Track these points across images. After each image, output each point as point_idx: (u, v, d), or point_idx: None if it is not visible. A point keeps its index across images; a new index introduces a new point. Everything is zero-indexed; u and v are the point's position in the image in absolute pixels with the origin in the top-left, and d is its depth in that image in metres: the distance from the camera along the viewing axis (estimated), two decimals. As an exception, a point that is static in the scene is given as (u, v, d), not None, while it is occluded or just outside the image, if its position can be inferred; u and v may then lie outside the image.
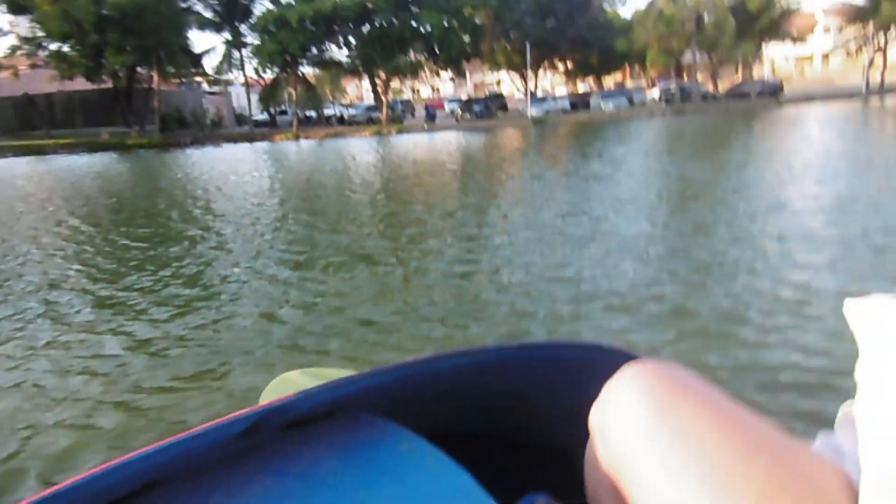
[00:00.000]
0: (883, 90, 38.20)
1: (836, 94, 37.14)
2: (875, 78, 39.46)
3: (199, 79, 43.39)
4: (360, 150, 24.97)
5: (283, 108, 45.18)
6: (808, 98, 36.67)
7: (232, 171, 18.37)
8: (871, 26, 38.68)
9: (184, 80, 40.83)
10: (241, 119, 45.65)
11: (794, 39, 41.26)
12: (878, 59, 39.94)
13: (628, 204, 8.73)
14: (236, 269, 6.13)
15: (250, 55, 39.74)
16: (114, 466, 0.68)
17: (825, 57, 59.71)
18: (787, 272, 4.90)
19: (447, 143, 26.62)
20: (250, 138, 36.71)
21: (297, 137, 35.82)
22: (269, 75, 41.15)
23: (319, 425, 0.88)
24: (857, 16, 39.26)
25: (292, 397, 0.83)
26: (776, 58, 57.72)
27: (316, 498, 0.74)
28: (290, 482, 0.76)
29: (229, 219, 9.40)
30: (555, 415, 0.99)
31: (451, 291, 5.07)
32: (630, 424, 0.66)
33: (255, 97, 43.66)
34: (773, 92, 39.42)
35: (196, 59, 40.28)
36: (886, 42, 39.83)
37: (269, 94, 42.01)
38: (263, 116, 44.33)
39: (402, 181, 13.91)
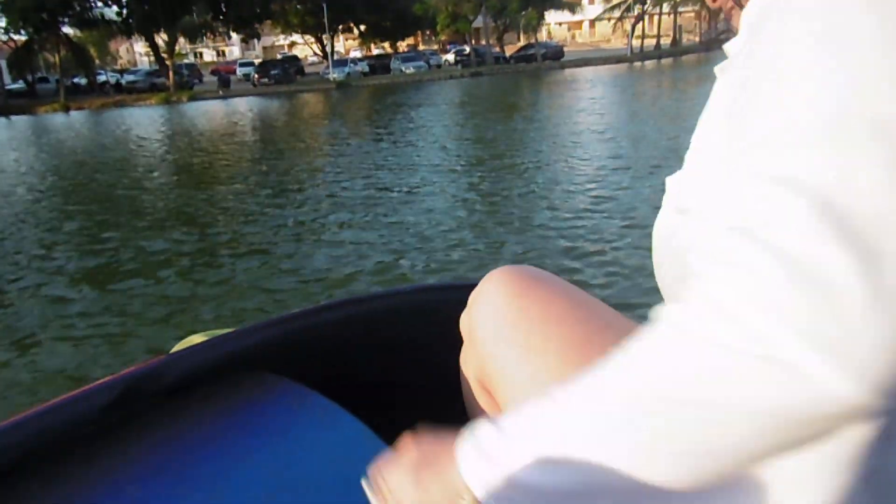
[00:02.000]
0: (643, 54, 43.39)
1: (606, 57, 41.25)
2: (635, 44, 44.70)
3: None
4: (152, 122, 22.25)
5: (41, 74, 38.84)
6: (585, 61, 40.33)
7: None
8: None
9: None
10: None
11: (571, 8, 45.06)
12: (639, 27, 45.26)
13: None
14: None
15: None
16: None
17: (592, 24, 66.17)
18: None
19: (251, 110, 24.90)
20: (5, 112, 31.08)
21: (66, 109, 31.11)
22: (21, 36, 34.96)
23: (203, 387, 0.81)
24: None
25: (165, 359, 0.76)
26: (551, 24, 62.43)
27: (202, 464, 0.69)
28: (172, 451, 0.71)
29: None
30: (430, 352, 0.99)
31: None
32: (494, 319, 0.71)
33: (1, 62, 36.92)
34: (556, 55, 42.74)
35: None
36: (644, 12, 45.16)
37: (23, 59, 35.71)
38: (18, 85, 37.73)
39: (225, 161, 12.79)
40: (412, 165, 8.85)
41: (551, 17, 47.59)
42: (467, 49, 45.20)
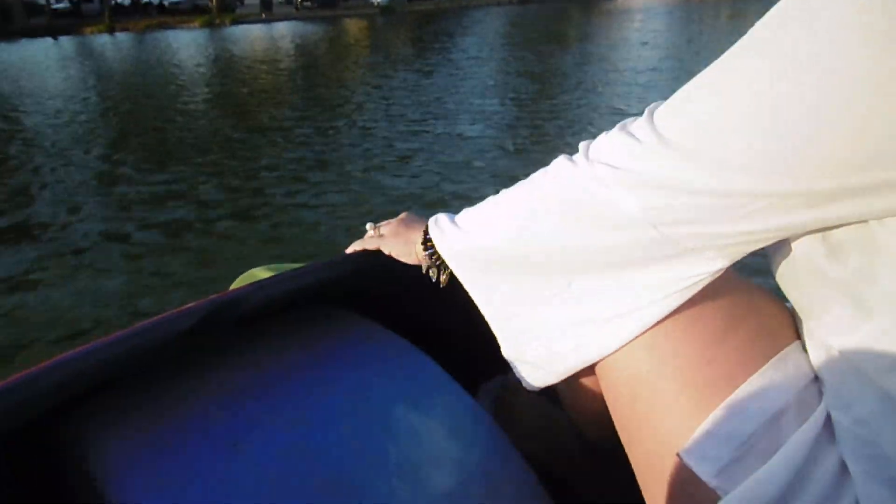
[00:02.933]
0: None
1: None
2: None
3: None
4: (197, 46, 21.97)
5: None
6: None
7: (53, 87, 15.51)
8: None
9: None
10: (33, 8, 38.20)
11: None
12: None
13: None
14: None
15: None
16: (51, 365, 0.62)
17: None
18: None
19: (294, 35, 24.46)
20: (52, 32, 31.02)
21: (111, 30, 30.94)
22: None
23: (276, 318, 0.84)
24: None
25: (244, 289, 0.77)
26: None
27: (274, 392, 0.71)
28: (246, 377, 0.73)
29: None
30: None
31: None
32: None
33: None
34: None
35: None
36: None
37: (67, -23, 35.46)
38: (63, 5, 37.49)
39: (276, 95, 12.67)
40: (456, 101, 8.43)
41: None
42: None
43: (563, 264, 0.61)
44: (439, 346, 0.84)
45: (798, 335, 0.62)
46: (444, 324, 0.91)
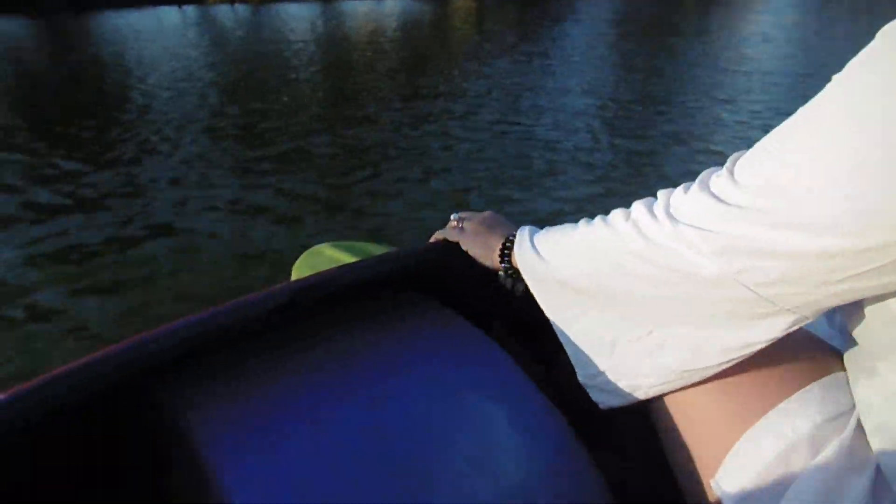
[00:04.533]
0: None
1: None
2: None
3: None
4: (311, 22, 22.67)
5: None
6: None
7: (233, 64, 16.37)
8: None
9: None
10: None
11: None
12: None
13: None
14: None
15: None
16: (144, 338, 0.69)
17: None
18: None
19: (407, 15, 24.59)
20: (178, 1, 32.77)
21: (231, 1, 32.28)
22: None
23: (356, 302, 0.87)
24: None
25: (329, 272, 0.81)
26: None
27: (355, 373, 0.74)
28: (328, 359, 0.76)
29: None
30: None
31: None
32: None
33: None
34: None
35: None
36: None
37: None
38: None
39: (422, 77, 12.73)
40: (550, 99, 7.92)
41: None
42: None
43: (645, 313, 0.62)
44: (514, 343, 0.85)
45: (825, 367, 0.63)
46: (521, 323, 0.91)
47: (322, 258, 1.35)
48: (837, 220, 0.44)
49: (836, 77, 0.48)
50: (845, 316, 0.60)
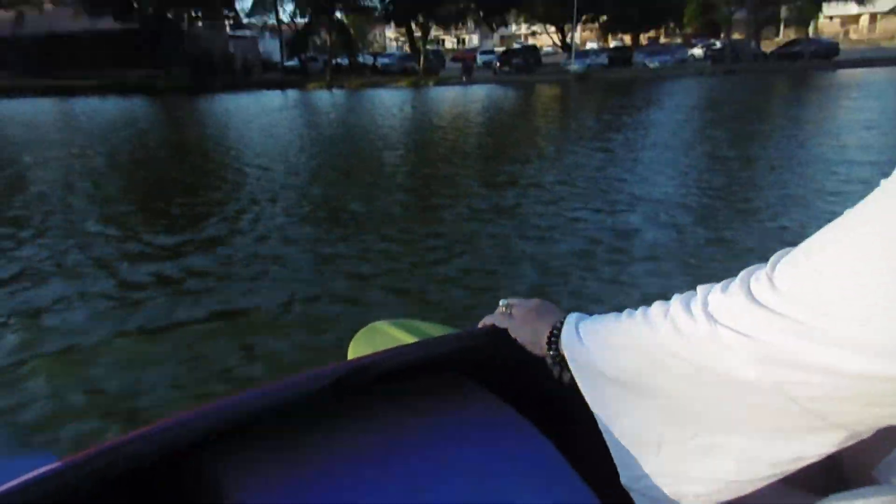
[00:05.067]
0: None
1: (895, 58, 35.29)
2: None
3: (225, 22, 41.71)
4: (403, 103, 23.82)
5: (311, 54, 43.70)
6: (867, 61, 34.92)
7: (307, 122, 17.56)
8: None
9: (212, 22, 39.24)
10: (266, 65, 44.19)
11: (858, -1, 38.89)
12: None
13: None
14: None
15: (285, -2, 38.18)
16: (205, 410, 0.71)
17: (874, 18, 57.22)
18: None
19: (492, 98, 25.44)
20: (281, 86, 35.49)
21: (330, 86, 34.59)
22: (300, 20, 39.59)
23: (406, 383, 0.88)
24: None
25: (381, 354, 0.83)
26: (820, 17, 55.46)
27: (401, 456, 0.76)
28: (377, 437, 0.79)
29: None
30: None
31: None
32: None
33: (276, 43, 42.22)
34: (828, 53, 37.58)
35: (229, 1, 38.77)
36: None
37: (301, 40, 40.52)
38: (293, 63, 42.91)
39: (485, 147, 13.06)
40: (628, 188, 7.73)
41: (828, 9, 41.57)
42: (718, 43, 41.74)
43: (689, 415, 0.61)
44: (560, 432, 0.85)
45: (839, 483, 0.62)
46: (568, 412, 0.89)
47: (379, 334, 1.40)
48: (879, 342, 0.42)
49: (883, 183, 0.45)
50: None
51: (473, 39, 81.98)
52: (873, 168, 8.06)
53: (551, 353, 0.80)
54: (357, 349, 1.43)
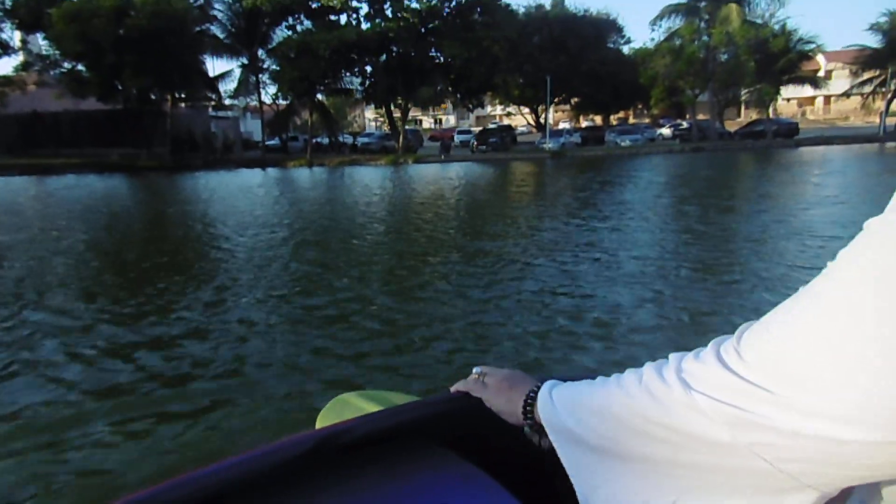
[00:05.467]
0: (896, 134, 38.36)
1: (851, 136, 37.15)
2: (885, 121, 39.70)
3: (207, 102, 42.62)
4: (383, 180, 24.25)
5: (292, 133, 44.64)
6: (825, 139, 36.68)
7: (268, 200, 17.70)
8: (888, 71, 38.93)
9: (195, 103, 40.08)
10: (247, 144, 44.95)
11: (814, 83, 41.26)
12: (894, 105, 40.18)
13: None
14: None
15: (268, 80, 39.28)
16: (178, 482, 0.71)
17: (828, 100, 60.54)
18: None
19: (469, 175, 26.03)
20: (262, 164, 36.02)
21: (310, 164, 35.18)
22: (282, 101, 40.63)
23: (378, 451, 0.88)
24: (873, 60, 39.54)
25: (353, 421, 0.83)
26: (778, 98, 58.57)
27: None
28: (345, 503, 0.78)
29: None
30: None
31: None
32: None
33: (258, 122, 43.15)
34: (789, 132, 39.49)
35: (212, 83, 39.74)
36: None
37: (282, 120, 41.46)
38: (274, 142, 43.71)
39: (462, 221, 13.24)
40: (597, 270, 7.87)
41: (786, 91, 44.01)
42: (684, 123, 43.62)
43: (668, 481, 0.61)
44: (538, 500, 0.84)
45: None
46: (545, 480, 0.89)
47: (347, 406, 1.37)
48: (841, 409, 0.45)
49: (840, 255, 0.49)
50: (863, 493, 0.57)
51: (450, 119, 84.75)
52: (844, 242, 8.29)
53: (527, 421, 0.80)
54: (326, 421, 1.36)
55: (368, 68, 37.83)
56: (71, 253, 9.31)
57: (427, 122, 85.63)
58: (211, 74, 39.92)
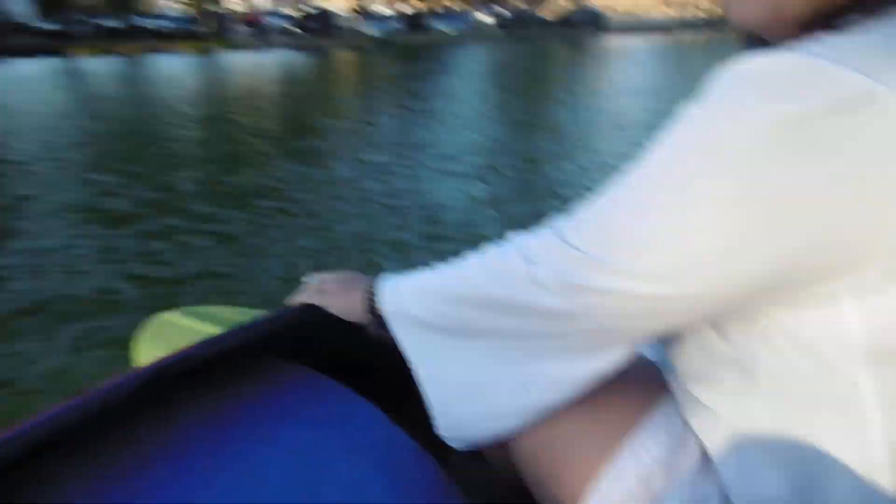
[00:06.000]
0: (688, 25, 42.05)
1: (650, 27, 40.03)
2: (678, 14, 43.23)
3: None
4: (197, 71, 21.90)
5: (78, 16, 38.27)
6: (629, 29, 39.17)
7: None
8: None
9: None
10: (18, 28, 37.78)
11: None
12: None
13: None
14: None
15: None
16: (8, 434, 0.67)
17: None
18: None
19: (289, 66, 24.34)
20: (40, 50, 30.69)
21: (107, 52, 30.72)
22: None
23: (224, 371, 0.85)
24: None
25: (194, 347, 0.79)
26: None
27: (225, 448, 0.73)
28: (197, 433, 0.75)
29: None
30: None
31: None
32: None
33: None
34: (593, 21, 41.58)
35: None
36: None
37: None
38: (52, 26, 37.23)
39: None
40: (429, 154, 8.03)
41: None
42: (507, 12, 44.07)
43: (510, 352, 0.65)
44: (385, 396, 0.84)
45: (663, 392, 0.69)
46: (394, 374, 0.87)
47: (170, 327, 1.24)
48: (648, 267, 0.52)
49: (655, 139, 0.54)
50: (667, 345, 0.67)
51: (266, 2, 77.66)
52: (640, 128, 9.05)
53: (370, 315, 0.79)
54: (146, 347, 1.23)
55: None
56: None
57: (236, 5, 77.71)
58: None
